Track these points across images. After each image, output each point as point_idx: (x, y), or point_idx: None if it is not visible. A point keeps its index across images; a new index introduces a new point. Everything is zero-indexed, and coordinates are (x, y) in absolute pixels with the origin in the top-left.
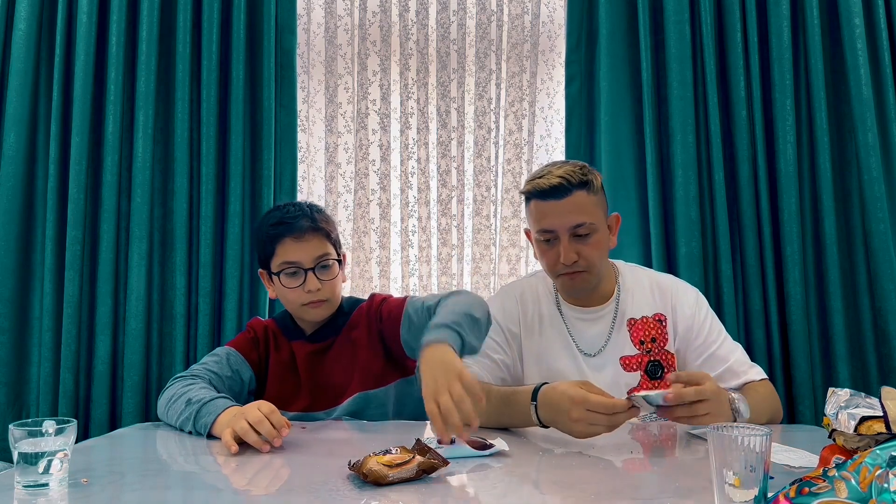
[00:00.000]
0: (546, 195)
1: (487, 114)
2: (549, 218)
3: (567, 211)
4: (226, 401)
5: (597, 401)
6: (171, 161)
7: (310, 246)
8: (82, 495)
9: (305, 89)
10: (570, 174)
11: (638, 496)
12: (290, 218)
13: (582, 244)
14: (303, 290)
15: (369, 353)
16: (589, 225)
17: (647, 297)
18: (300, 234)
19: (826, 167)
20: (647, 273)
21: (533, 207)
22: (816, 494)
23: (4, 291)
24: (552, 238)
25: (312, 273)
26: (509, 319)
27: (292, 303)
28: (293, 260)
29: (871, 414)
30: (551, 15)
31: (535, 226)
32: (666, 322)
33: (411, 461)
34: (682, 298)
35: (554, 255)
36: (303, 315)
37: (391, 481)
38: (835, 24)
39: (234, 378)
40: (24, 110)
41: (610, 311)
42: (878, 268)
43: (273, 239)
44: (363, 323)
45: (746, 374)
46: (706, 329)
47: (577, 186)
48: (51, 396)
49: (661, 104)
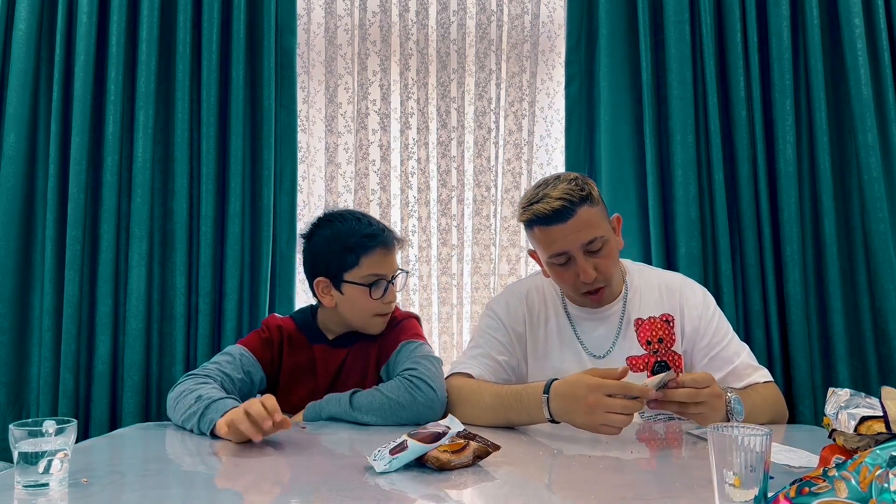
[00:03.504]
0: (550, 220)
1: (487, 114)
2: (559, 242)
3: (576, 230)
4: (234, 402)
5: (615, 384)
6: (171, 161)
7: (393, 259)
8: (82, 495)
9: (305, 89)
10: (570, 193)
11: (639, 496)
12: (378, 231)
13: (597, 258)
14: (382, 302)
15: (375, 366)
16: (600, 238)
17: (655, 297)
18: (389, 249)
19: (826, 167)
20: (655, 273)
21: (539, 234)
22: (816, 494)
23: (4, 291)
24: (567, 260)
25: (392, 285)
26: (514, 319)
27: (366, 312)
28: (382, 273)
29: (871, 414)
30: (551, 15)
31: (545, 251)
32: (674, 322)
33: (467, 448)
34: (689, 299)
35: (572, 276)
36: (368, 327)
37: (454, 466)
38: (835, 24)
39: (244, 380)
40: (24, 110)
41: (617, 312)
42: (878, 268)
43: (361, 250)
44: (377, 337)
45: (751, 377)
46: (712, 330)
47: (579, 203)
48: (51, 396)
49: (661, 104)
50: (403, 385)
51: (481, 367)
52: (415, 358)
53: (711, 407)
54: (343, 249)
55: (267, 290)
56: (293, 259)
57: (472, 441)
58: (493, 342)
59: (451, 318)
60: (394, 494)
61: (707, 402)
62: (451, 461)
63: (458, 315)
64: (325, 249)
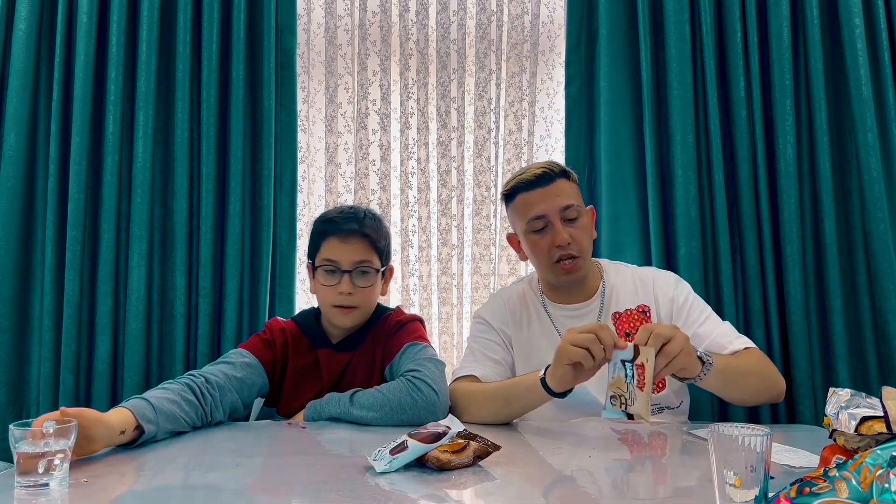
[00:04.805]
0: (532, 185)
1: (487, 114)
2: (538, 205)
3: (555, 195)
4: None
5: (576, 331)
6: (171, 161)
7: (352, 249)
8: (82, 495)
9: (305, 89)
10: (551, 165)
11: (639, 496)
12: (340, 217)
13: (572, 228)
14: (335, 291)
15: (380, 368)
16: (577, 207)
17: (630, 290)
18: (345, 236)
19: (826, 167)
20: (630, 268)
21: (519, 201)
22: (817, 494)
23: (4, 291)
24: (545, 225)
25: (348, 276)
26: (500, 321)
27: (324, 303)
28: (333, 258)
29: (872, 414)
30: (551, 15)
31: (524, 218)
32: (650, 313)
33: (467, 448)
34: (661, 287)
35: (547, 242)
36: (331, 318)
37: (454, 466)
38: (835, 24)
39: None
40: (24, 110)
41: (595, 307)
42: (878, 268)
43: (321, 234)
44: (381, 340)
45: (732, 344)
46: (686, 310)
47: (559, 175)
48: (51, 396)
49: (661, 104)
50: (405, 387)
51: (484, 367)
52: (418, 360)
53: (678, 343)
54: (315, 233)
55: (267, 290)
56: (293, 259)
57: (472, 441)
58: (487, 344)
59: (451, 319)
60: (394, 494)
61: (672, 335)
62: (451, 461)
63: (458, 315)
64: (310, 234)
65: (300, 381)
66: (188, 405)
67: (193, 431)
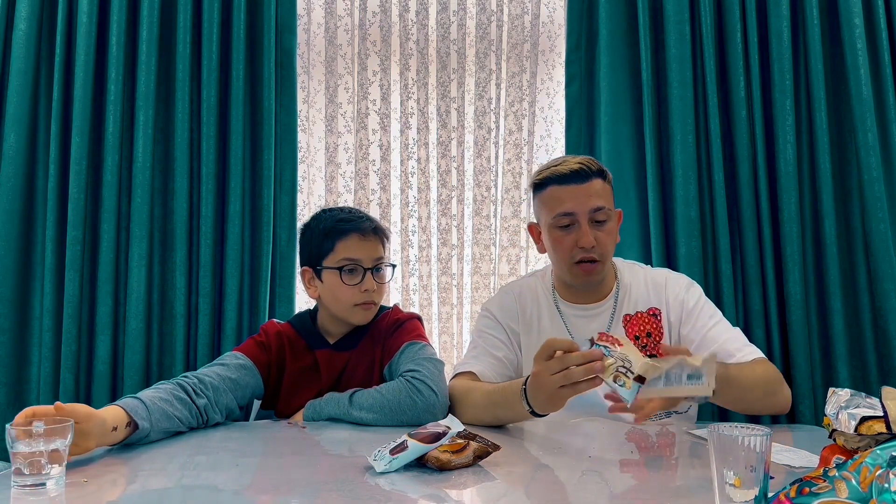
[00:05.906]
0: (566, 179)
1: (487, 114)
2: (569, 202)
3: (587, 195)
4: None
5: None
6: (171, 161)
7: (371, 246)
8: (81, 495)
9: (305, 89)
10: (589, 162)
11: (639, 496)
12: (355, 217)
13: (599, 230)
14: (358, 290)
15: (379, 366)
16: (607, 210)
17: (643, 292)
18: (365, 234)
19: (826, 167)
20: (643, 269)
21: (549, 193)
22: (817, 494)
23: (4, 291)
24: (571, 223)
25: (370, 273)
26: (508, 317)
27: (344, 302)
28: (356, 257)
29: (872, 414)
30: (551, 15)
31: (552, 211)
32: (661, 316)
33: (467, 448)
34: (673, 290)
35: (571, 241)
36: (349, 316)
37: (454, 466)
38: (835, 24)
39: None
40: (24, 110)
41: (608, 308)
42: (878, 268)
43: (337, 234)
44: (380, 339)
45: (741, 352)
46: (696, 314)
47: (596, 174)
48: (51, 396)
49: (661, 104)
50: (405, 387)
51: (483, 364)
52: (418, 359)
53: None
54: (321, 236)
55: (267, 290)
56: (293, 259)
57: (472, 441)
58: (491, 340)
59: (451, 318)
60: (394, 494)
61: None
62: (451, 461)
63: (458, 315)
64: (308, 238)
65: (299, 384)
66: (181, 403)
67: (191, 431)
